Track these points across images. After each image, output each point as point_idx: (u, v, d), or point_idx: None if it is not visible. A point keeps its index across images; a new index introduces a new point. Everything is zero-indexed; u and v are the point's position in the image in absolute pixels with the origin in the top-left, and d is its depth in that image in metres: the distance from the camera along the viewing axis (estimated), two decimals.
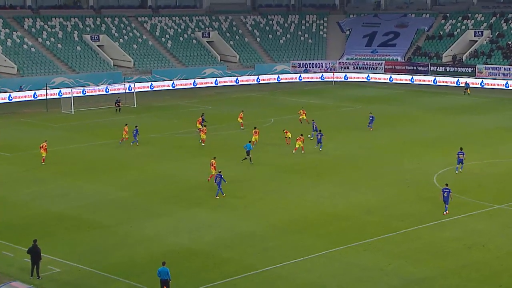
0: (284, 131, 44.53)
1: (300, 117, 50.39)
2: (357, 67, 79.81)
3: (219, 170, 34.27)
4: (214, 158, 36.19)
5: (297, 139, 42.02)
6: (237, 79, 77.00)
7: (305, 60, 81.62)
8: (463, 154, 37.81)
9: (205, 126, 46.00)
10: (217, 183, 33.28)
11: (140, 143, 45.63)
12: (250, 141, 41.08)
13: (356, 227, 29.39)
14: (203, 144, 44.30)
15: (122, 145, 45.12)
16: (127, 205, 32.63)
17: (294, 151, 41.89)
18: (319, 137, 43.04)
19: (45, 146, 40.57)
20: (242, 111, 51.01)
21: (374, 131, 49.29)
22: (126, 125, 45.91)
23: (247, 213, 31.29)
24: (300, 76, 79.43)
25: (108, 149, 44.65)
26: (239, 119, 49.85)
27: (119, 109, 58.35)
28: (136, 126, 45.60)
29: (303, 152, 41.72)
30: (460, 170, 37.78)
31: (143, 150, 43.93)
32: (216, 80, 75.98)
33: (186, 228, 29.37)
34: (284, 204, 32.53)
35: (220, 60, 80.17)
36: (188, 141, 46.97)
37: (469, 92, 67.69)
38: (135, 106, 61.08)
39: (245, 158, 39.52)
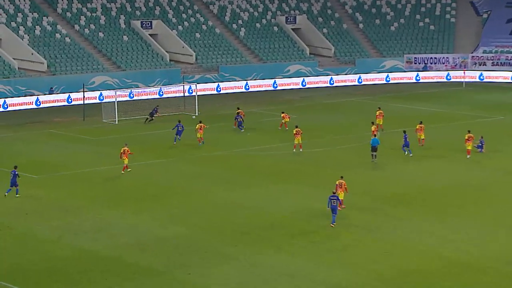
0: (418, 125, 49.29)
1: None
2: (498, 63, 78.48)
3: (333, 191, 35.24)
4: (342, 177, 36.91)
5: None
6: (331, 78, 76.91)
7: (425, 53, 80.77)
8: None
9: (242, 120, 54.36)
10: (331, 208, 34.17)
11: (201, 163, 46.01)
12: (375, 135, 46.34)
13: (494, 282, 28.78)
14: (294, 150, 48.63)
15: (176, 163, 45.85)
16: (182, 244, 32.90)
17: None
18: (406, 140, 46.75)
19: (127, 150, 43.74)
20: (283, 112, 56.26)
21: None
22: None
23: (341, 259, 31.04)
24: (417, 75, 78.66)
25: (159, 170, 45.33)
26: (285, 118, 55.27)
27: (151, 119, 58.89)
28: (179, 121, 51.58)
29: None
30: None
31: (204, 172, 44.34)
32: (304, 80, 76.15)
33: (259, 277, 29.33)
34: (391, 248, 32.13)
35: (310, 53, 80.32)
36: (265, 160, 47.10)
37: None
38: (197, 114, 61.92)
39: (374, 157, 44.57)
